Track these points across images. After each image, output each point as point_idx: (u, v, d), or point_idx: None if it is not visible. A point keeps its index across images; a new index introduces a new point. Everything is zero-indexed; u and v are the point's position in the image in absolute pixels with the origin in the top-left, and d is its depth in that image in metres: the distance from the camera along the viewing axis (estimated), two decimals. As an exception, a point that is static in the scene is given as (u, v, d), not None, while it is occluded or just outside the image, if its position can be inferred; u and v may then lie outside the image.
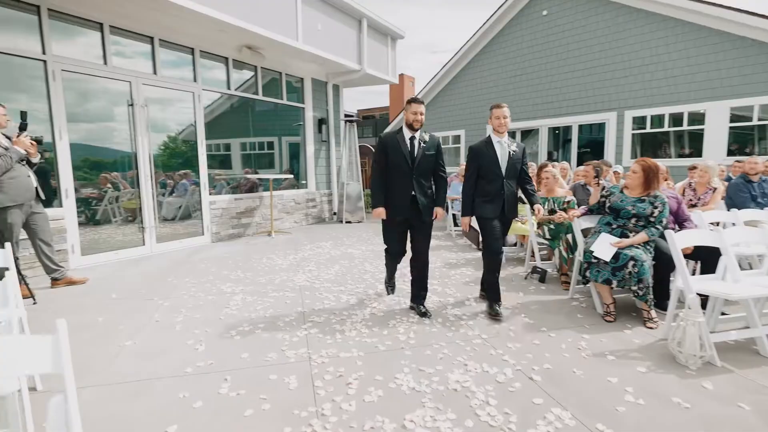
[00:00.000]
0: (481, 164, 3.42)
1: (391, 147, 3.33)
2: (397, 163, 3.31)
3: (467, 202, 3.49)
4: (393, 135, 3.36)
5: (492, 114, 3.42)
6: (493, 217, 3.40)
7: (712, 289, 2.75)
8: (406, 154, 3.30)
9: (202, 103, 6.67)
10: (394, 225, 3.46)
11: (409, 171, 3.31)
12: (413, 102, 3.33)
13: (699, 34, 8.28)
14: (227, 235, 7.14)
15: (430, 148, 3.38)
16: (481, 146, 3.47)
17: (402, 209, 3.35)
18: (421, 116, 3.30)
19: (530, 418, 2.03)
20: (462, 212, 3.58)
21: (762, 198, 4.84)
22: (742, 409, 2.09)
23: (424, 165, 3.36)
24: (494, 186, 3.40)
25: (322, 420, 2.03)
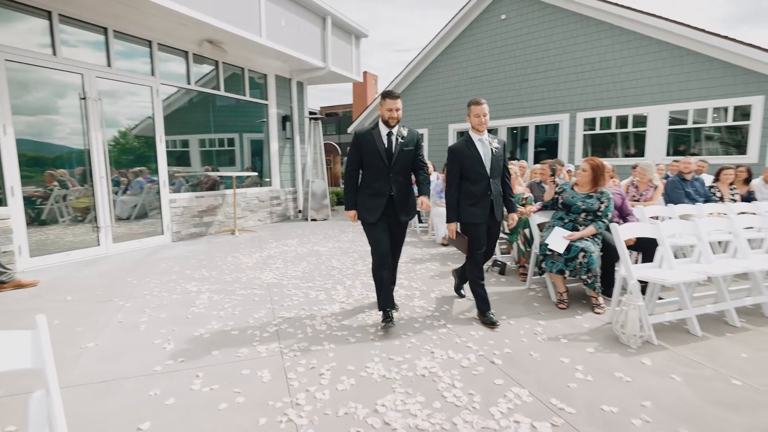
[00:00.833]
0: (464, 165, 3.18)
1: (365, 144, 3.06)
2: (372, 161, 3.05)
3: (452, 207, 3.23)
4: (368, 131, 3.09)
5: (470, 111, 3.17)
6: (482, 222, 3.18)
7: (650, 275, 3.05)
8: (383, 150, 3.03)
9: (160, 97, 6.45)
10: (372, 225, 3.12)
11: (385, 169, 3.04)
12: (388, 97, 3.01)
13: (641, 42, 8.93)
14: (189, 234, 6.96)
15: (409, 143, 3.11)
16: (462, 146, 3.21)
17: (378, 210, 3.07)
18: (398, 113, 3.03)
19: (492, 397, 2.20)
20: (447, 218, 3.28)
21: (695, 194, 5.34)
22: (674, 380, 2.36)
23: (402, 162, 3.10)
24: (480, 187, 3.17)
25: (297, 409, 2.10)
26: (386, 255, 3.12)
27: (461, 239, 3.22)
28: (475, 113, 3.14)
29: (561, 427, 1.94)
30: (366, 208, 3.12)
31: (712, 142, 8.73)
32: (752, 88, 7.85)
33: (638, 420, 1.99)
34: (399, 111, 3.04)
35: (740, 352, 2.71)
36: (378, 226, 3.10)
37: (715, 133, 8.61)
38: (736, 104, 8.10)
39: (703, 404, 2.13)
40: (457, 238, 3.26)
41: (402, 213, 3.15)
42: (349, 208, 3.23)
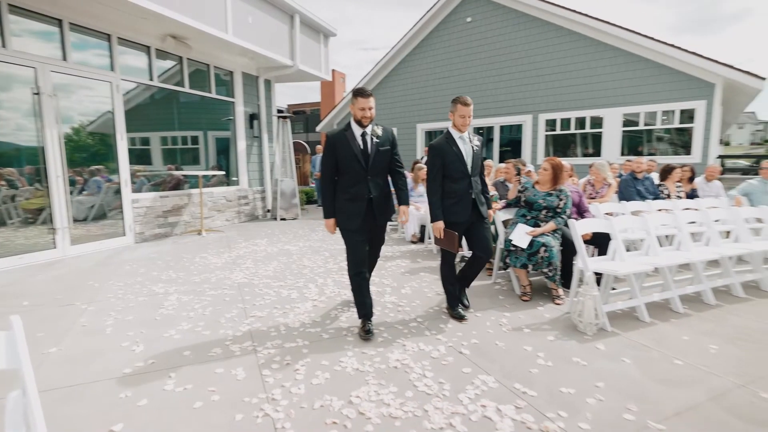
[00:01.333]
0: (445, 163, 3.12)
1: (340, 147, 2.91)
2: (348, 163, 2.90)
3: (437, 205, 3.14)
4: (341, 133, 2.94)
5: (456, 110, 3.10)
6: (464, 221, 3.16)
7: (604, 267, 3.29)
8: (358, 152, 2.88)
9: (120, 93, 6.22)
10: (352, 233, 3.01)
11: (362, 171, 2.91)
12: (360, 96, 2.86)
13: (597, 48, 9.42)
14: (153, 234, 6.75)
15: (385, 142, 2.98)
16: (443, 144, 3.15)
17: (357, 216, 2.94)
18: (371, 112, 2.87)
19: (461, 384, 2.32)
20: (432, 217, 3.17)
21: (645, 192, 5.72)
22: (625, 363, 2.57)
23: (380, 163, 2.97)
24: (461, 185, 3.13)
25: (273, 404, 2.14)
26: (364, 263, 3.02)
27: (450, 236, 3.09)
28: (461, 113, 3.08)
29: (524, 409, 2.09)
30: (345, 214, 2.98)
31: (662, 143, 9.34)
32: (695, 93, 8.46)
33: (593, 399, 2.17)
34: (372, 110, 2.89)
35: (682, 335, 2.97)
36: (357, 232, 2.98)
37: (666, 135, 9.22)
38: (682, 108, 8.70)
39: (649, 383, 2.34)
40: (445, 236, 3.13)
41: (381, 216, 3.05)
42: (327, 216, 3.05)
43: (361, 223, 2.96)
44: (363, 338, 2.93)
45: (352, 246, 3.03)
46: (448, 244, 3.14)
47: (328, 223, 3.08)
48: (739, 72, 7.92)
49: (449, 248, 3.17)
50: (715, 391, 2.24)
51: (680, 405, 2.12)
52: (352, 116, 2.95)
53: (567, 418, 2.01)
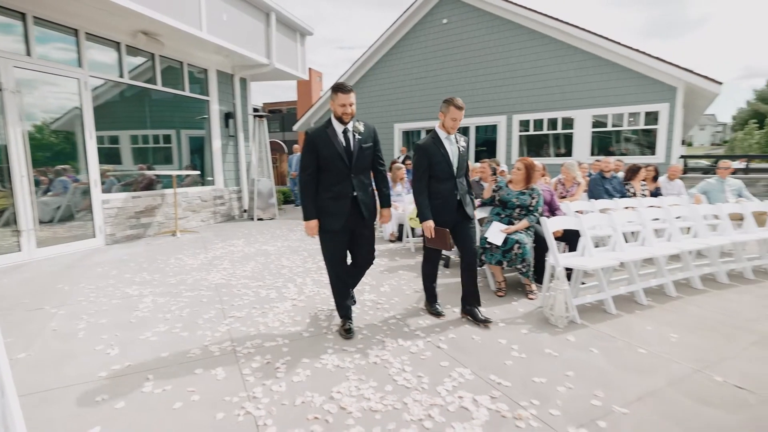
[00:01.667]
0: (432, 163, 3.08)
1: (321, 144, 2.80)
2: (331, 162, 2.80)
3: (425, 204, 3.09)
4: (321, 130, 2.84)
5: (449, 112, 3.04)
6: (449, 222, 3.10)
7: (574, 263, 3.44)
8: (341, 150, 2.79)
9: (89, 90, 6.02)
10: (334, 234, 2.91)
11: (346, 169, 2.82)
12: (340, 91, 2.76)
13: (567, 51, 9.73)
14: (124, 236, 6.57)
15: (367, 139, 2.90)
16: (430, 144, 3.10)
17: (341, 216, 2.85)
18: (352, 108, 2.78)
19: (439, 377, 2.40)
20: (421, 217, 3.11)
21: (613, 191, 5.97)
22: (593, 353, 2.71)
23: (363, 160, 2.89)
24: (447, 186, 3.11)
25: (254, 402, 2.15)
26: (343, 264, 3.02)
27: (442, 234, 3.03)
28: (454, 116, 3.03)
29: (499, 399, 2.18)
30: (328, 214, 2.86)
31: (629, 143, 9.74)
32: (659, 96, 8.87)
33: (563, 387, 2.28)
34: (353, 106, 2.79)
35: (646, 326, 3.15)
36: (339, 235, 2.90)
37: (633, 136, 9.62)
38: (646, 110, 9.11)
39: (615, 371, 2.47)
40: (436, 235, 3.07)
41: (369, 213, 2.97)
42: (309, 217, 2.87)
43: (345, 223, 2.87)
44: (343, 337, 2.94)
45: (332, 247, 2.95)
46: (441, 243, 3.07)
47: (309, 225, 2.88)
48: (698, 77, 8.35)
49: (442, 247, 3.10)
50: (674, 377, 2.40)
51: (643, 390, 2.26)
52: (332, 113, 2.86)
53: (539, 406, 2.11)
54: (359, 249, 3.08)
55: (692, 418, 2.02)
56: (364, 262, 3.16)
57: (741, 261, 4.52)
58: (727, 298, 3.80)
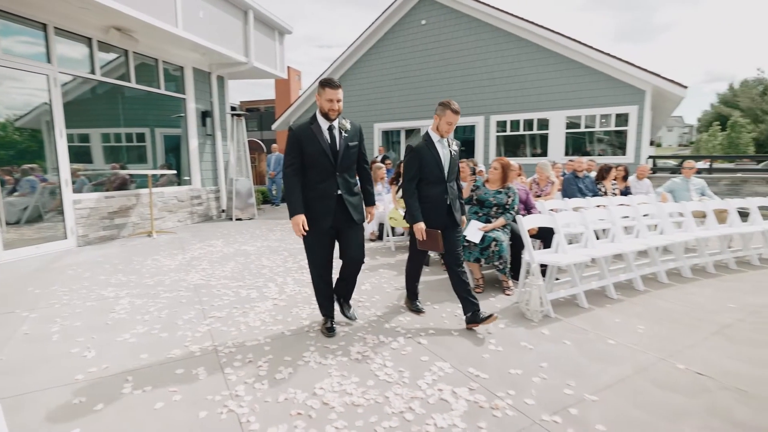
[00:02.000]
0: (423, 166, 3.04)
1: (306, 141, 2.72)
2: (315, 159, 2.73)
3: (415, 206, 3.06)
4: (306, 126, 2.76)
5: (444, 115, 2.98)
6: (438, 227, 3.06)
7: (548, 259, 3.57)
8: (326, 147, 2.72)
9: (59, 87, 5.83)
10: (318, 233, 2.84)
11: (331, 167, 2.75)
12: (328, 86, 2.68)
13: (542, 54, 9.99)
14: (97, 237, 6.39)
15: (353, 137, 2.85)
16: (423, 146, 3.06)
17: (326, 215, 2.78)
18: (339, 104, 2.72)
19: (419, 371, 2.46)
20: (411, 219, 3.08)
21: (585, 190, 6.19)
22: (566, 345, 2.83)
23: (349, 158, 2.84)
24: (437, 190, 3.07)
25: (237, 400, 2.17)
26: (328, 265, 2.97)
27: (433, 236, 3.01)
28: (449, 120, 2.98)
29: (477, 390, 2.26)
30: (312, 214, 2.79)
31: (602, 144, 10.08)
32: (629, 98, 9.22)
33: (537, 378, 2.38)
34: (340, 102, 2.72)
35: (615, 318, 3.30)
36: (323, 235, 2.85)
37: (605, 136, 9.96)
38: (617, 112, 9.45)
39: (586, 361, 2.60)
40: (427, 237, 3.03)
41: (356, 213, 2.90)
42: (296, 212, 2.73)
43: (330, 223, 2.81)
44: (325, 335, 2.97)
45: (315, 247, 2.89)
46: (433, 245, 3.03)
47: (296, 221, 2.72)
48: (665, 80, 8.72)
49: (434, 249, 3.05)
50: (640, 365, 2.54)
51: (611, 378, 2.38)
52: (318, 108, 2.78)
53: (515, 396, 2.21)
54: (346, 247, 2.95)
55: (656, 403, 2.15)
56: (351, 262, 3.01)
57: (703, 256, 4.77)
58: (691, 292, 4.01)
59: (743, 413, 2.06)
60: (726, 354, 2.70)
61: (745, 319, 3.28)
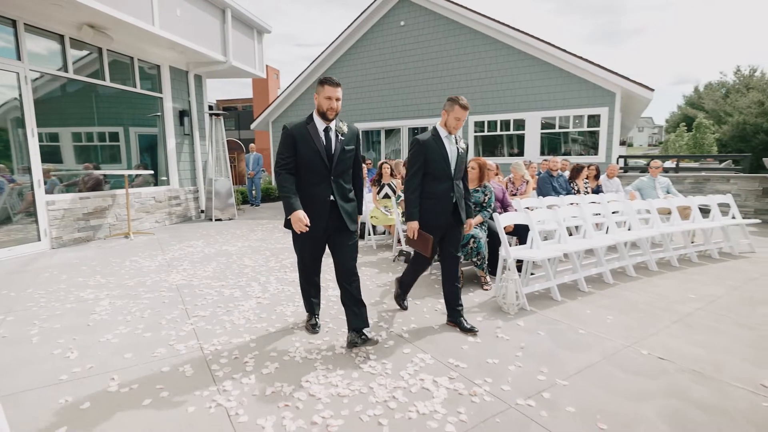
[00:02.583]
0: (428, 160, 2.94)
1: (300, 141, 2.61)
2: (309, 161, 2.61)
3: (415, 204, 2.96)
4: (302, 126, 2.65)
5: (453, 110, 2.91)
6: (442, 224, 2.99)
7: (523, 255, 3.73)
8: (321, 149, 2.61)
9: (29, 85, 5.68)
10: (310, 238, 2.71)
11: (326, 171, 2.63)
12: (327, 84, 2.58)
13: (518, 56, 10.26)
14: (72, 239, 6.25)
15: (350, 141, 2.73)
16: (430, 140, 2.96)
17: (318, 221, 2.63)
18: (338, 103, 2.60)
19: (402, 363, 2.57)
20: (407, 216, 3.01)
21: (559, 188, 6.43)
22: (540, 335, 2.99)
23: (344, 163, 2.71)
24: (443, 187, 2.97)
25: (225, 395, 2.22)
26: (315, 271, 2.92)
27: (424, 239, 2.97)
28: (458, 116, 2.91)
29: (456, 379, 2.38)
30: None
31: (576, 144, 10.43)
32: (600, 100, 9.58)
33: (513, 366, 2.52)
34: (339, 102, 2.61)
35: (586, 310, 3.49)
36: (316, 239, 2.73)
37: (579, 137, 10.31)
38: (589, 113, 9.80)
39: (558, 349, 2.75)
40: (418, 238, 2.99)
41: (350, 221, 2.75)
42: (293, 208, 2.55)
43: (321, 229, 2.67)
44: (310, 332, 3.02)
45: (303, 249, 2.81)
46: (421, 247, 3.00)
47: (296, 216, 2.53)
48: (633, 83, 9.10)
49: (422, 251, 3.02)
50: (607, 352, 2.71)
51: (581, 365, 2.54)
52: (315, 108, 2.66)
53: (492, 383, 2.34)
54: (338, 255, 2.77)
55: (621, 385, 2.31)
56: (344, 271, 2.76)
57: (668, 251, 5.05)
58: (656, 284, 4.25)
59: (699, 392, 2.25)
60: (685, 340, 2.90)
61: (704, 308, 3.52)
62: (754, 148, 25.10)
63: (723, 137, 29.19)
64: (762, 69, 35.33)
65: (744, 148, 25.22)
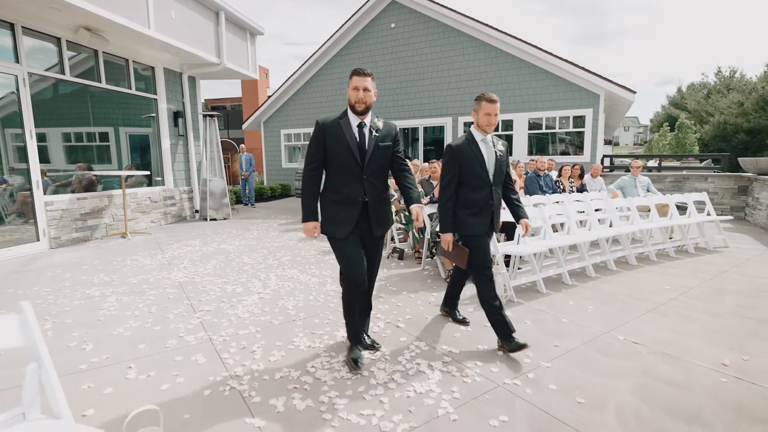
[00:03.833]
0: (464, 167, 2.76)
1: (331, 138, 2.44)
2: (340, 159, 2.45)
3: (448, 215, 2.81)
4: (334, 122, 2.47)
5: (480, 108, 2.74)
6: (483, 234, 2.81)
7: (511, 250, 3.97)
8: (354, 146, 2.43)
9: (28, 88, 5.76)
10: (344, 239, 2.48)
11: (358, 170, 2.45)
12: (354, 74, 2.42)
13: (506, 59, 10.55)
14: (70, 239, 6.33)
15: (386, 138, 2.53)
16: (464, 145, 2.78)
17: (347, 223, 2.46)
18: (365, 93, 2.40)
19: (399, 350, 2.78)
20: (441, 227, 2.86)
21: (546, 187, 6.71)
22: (526, 324, 3.22)
23: (378, 161, 2.51)
24: (481, 195, 2.78)
25: (237, 380, 2.40)
26: (363, 280, 2.49)
27: (459, 251, 2.83)
28: (486, 111, 2.71)
29: (450, 363, 2.60)
30: (332, 221, 2.49)
31: (562, 144, 10.75)
32: (584, 102, 9.90)
33: (500, 352, 2.75)
34: (368, 92, 2.41)
35: (569, 301, 3.74)
36: (350, 241, 2.49)
37: (566, 137, 10.63)
38: (574, 114, 10.12)
39: (542, 336, 2.99)
40: (453, 250, 2.86)
41: (378, 226, 2.56)
42: (307, 218, 2.48)
43: (353, 231, 2.48)
44: (350, 367, 2.52)
45: (346, 257, 2.48)
46: (458, 259, 2.89)
47: (307, 227, 2.49)
48: (616, 86, 9.44)
49: (458, 263, 2.91)
50: (587, 338, 2.95)
51: (563, 349, 2.78)
52: (348, 103, 2.50)
53: (482, 366, 2.56)
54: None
55: (598, 366, 2.55)
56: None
57: (647, 246, 5.34)
58: (635, 277, 4.53)
59: (667, 371, 2.50)
60: (658, 327, 3.16)
61: (677, 299, 3.80)
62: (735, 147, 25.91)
63: (704, 137, 29.99)
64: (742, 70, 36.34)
65: (725, 148, 25.99)
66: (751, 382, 2.37)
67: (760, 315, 3.39)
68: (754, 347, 2.82)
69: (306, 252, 5.72)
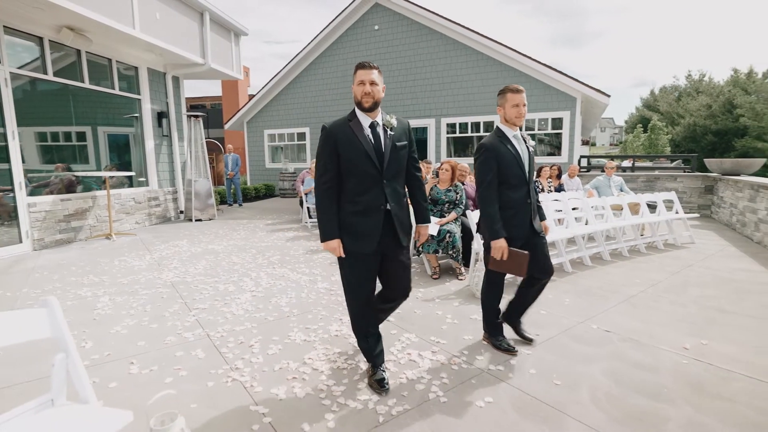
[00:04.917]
0: (501, 167, 2.57)
1: (344, 143, 2.18)
2: (356, 165, 2.19)
3: (495, 219, 2.55)
4: (343, 124, 2.23)
5: (507, 100, 2.57)
6: (522, 236, 2.63)
7: (493, 247, 4.18)
8: (370, 150, 2.19)
9: (10, 88, 5.69)
10: (361, 259, 2.25)
11: (377, 175, 2.20)
12: (358, 68, 2.21)
13: (488, 62, 10.85)
14: (54, 240, 6.27)
15: (401, 136, 2.29)
16: (497, 143, 2.59)
17: (372, 235, 2.21)
18: (372, 87, 2.17)
19: (390, 341, 2.94)
20: (491, 234, 2.57)
21: (525, 187, 6.98)
22: (508, 316, 3.43)
23: (397, 163, 2.27)
24: (519, 193, 2.60)
25: (238, 372, 2.53)
26: (369, 302, 2.34)
27: (518, 258, 2.51)
28: (514, 102, 2.54)
29: (438, 352, 2.78)
30: (353, 234, 2.22)
31: (542, 145, 11.11)
32: (562, 105, 10.28)
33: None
34: (377, 86, 2.19)
35: (548, 295, 3.95)
36: (367, 259, 2.25)
37: (545, 137, 10.99)
38: (552, 117, 10.49)
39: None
40: (509, 258, 2.53)
41: (404, 234, 2.33)
42: (329, 236, 2.21)
43: (377, 244, 2.23)
44: (376, 390, 2.30)
45: (357, 273, 2.27)
46: (514, 268, 2.55)
47: (330, 245, 2.22)
48: (591, 89, 9.84)
49: (515, 273, 2.56)
50: (564, 328, 3.19)
51: (542, 339, 3.00)
52: (354, 102, 2.26)
53: (468, 355, 2.75)
54: (392, 279, 2.40)
55: (573, 353, 2.78)
56: (399, 295, 2.49)
57: (620, 242, 5.66)
58: (608, 272, 4.82)
59: (635, 355, 2.74)
60: (628, 316, 3.42)
61: (646, 291, 4.08)
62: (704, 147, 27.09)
63: (676, 138, 31.21)
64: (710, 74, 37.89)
65: (695, 148, 27.15)
66: (708, 363, 2.63)
67: (719, 305, 3.69)
68: (713, 333, 3.09)
69: (294, 251, 5.83)
